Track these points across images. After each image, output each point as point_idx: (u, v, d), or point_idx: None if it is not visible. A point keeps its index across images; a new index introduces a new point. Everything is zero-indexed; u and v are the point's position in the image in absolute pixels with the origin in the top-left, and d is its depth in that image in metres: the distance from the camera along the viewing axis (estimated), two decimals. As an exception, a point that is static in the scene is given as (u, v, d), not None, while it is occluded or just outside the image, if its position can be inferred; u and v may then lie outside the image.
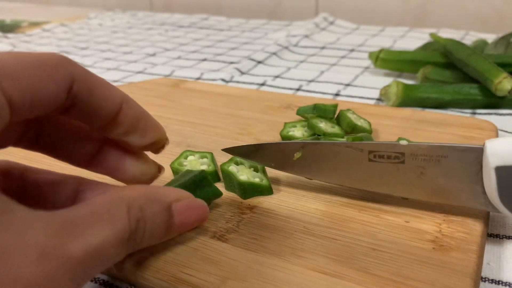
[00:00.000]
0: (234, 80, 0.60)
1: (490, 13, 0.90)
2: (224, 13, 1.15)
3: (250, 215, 0.29)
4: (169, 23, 1.03)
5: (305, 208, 0.29)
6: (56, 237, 0.17)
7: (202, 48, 0.80)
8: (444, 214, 0.28)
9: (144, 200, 0.22)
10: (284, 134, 0.38)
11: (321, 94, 0.54)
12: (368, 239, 0.26)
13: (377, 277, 0.23)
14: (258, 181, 0.31)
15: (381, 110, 0.44)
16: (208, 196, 0.28)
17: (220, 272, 0.24)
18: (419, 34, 0.82)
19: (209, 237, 0.27)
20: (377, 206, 0.29)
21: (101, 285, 0.26)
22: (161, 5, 1.27)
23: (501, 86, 0.45)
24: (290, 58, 0.71)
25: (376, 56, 0.59)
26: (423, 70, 0.54)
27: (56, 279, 0.17)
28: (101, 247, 0.19)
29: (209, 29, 0.96)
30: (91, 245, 0.18)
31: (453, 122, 0.41)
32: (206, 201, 0.26)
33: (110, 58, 0.76)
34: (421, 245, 0.25)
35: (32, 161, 0.29)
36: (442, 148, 0.27)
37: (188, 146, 0.39)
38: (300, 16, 1.05)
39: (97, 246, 0.19)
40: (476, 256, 0.24)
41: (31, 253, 0.16)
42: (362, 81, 0.58)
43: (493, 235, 0.29)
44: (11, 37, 0.93)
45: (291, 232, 0.27)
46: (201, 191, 0.28)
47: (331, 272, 0.24)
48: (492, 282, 0.25)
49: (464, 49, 0.52)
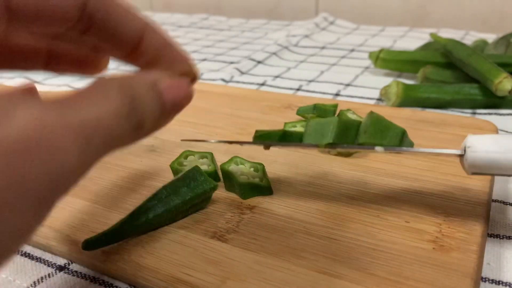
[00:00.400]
0: (234, 80, 0.60)
1: (490, 13, 0.90)
2: (224, 13, 1.15)
3: (250, 215, 0.29)
4: (169, 23, 1.03)
5: (305, 208, 0.29)
6: (51, 110, 0.16)
7: (202, 48, 0.80)
8: (444, 214, 0.28)
9: (131, 80, 0.21)
10: (284, 134, 0.38)
11: (321, 94, 0.54)
12: (368, 239, 0.26)
13: (377, 277, 0.23)
14: (258, 181, 0.31)
15: (381, 110, 0.44)
16: (203, 187, 0.29)
17: (220, 272, 0.24)
18: (419, 34, 0.82)
19: (209, 237, 0.27)
20: (377, 206, 0.29)
21: (101, 285, 0.26)
22: (161, 5, 1.27)
23: (501, 86, 0.45)
24: (290, 58, 0.71)
25: (376, 56, 0.59)
26: (423, 70, 0.54)
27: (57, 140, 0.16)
28: (99, 117, 0.18)
29: (209, 29, 0.96)
30: (89, 116, 0.17)
31: (453, 122, 0.41)
32: (203, 194, 0.28)
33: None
34: (421, 245, 0.25)
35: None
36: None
37: (188, 146, 0.38)
38: (300, 16, 1.05)
39: (95, 117, 0.17)
40: (476, 256, 0.24)
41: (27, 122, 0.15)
42: (362, 81, 0.58)
43: (493, 235, 0.29)
44: (11, 37, 0.93)
45: (291, 232, 0.27)
46: (195, 182, 0.29)
47: (331, 272, 0.24)
48: (492, 282, 0.25)
49: (464, 49, 0.52)
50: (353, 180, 0.32)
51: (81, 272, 0.27)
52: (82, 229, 0.28)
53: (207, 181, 0.29)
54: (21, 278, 0.26)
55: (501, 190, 0.34)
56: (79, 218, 0.29)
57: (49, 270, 0.27)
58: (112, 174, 0.34)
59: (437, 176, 0.32)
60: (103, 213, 0.29)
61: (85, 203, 0.31)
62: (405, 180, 0.32)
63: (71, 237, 0.27)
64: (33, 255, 0.28)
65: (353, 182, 0.32)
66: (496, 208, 0.32)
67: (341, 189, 0.31)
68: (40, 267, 0.27)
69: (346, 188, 0.31)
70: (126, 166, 0.35)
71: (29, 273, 0.27)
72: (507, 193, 0.33)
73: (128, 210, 0.28)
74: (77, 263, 0.27)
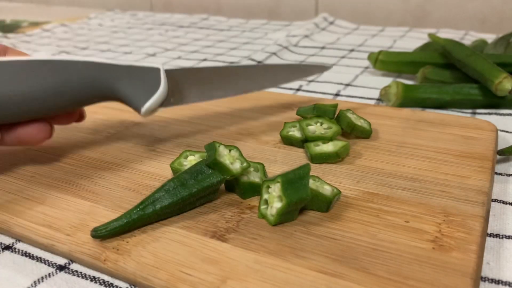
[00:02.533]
0: (234, 80, 0.60)
1: (490, 13, 0.90)
2: (224, 13, 1.15)
3: (250, 215, 0.29)
4: (169, 23, 1.03)
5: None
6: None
7: (202, 48, 0.80)
8: (444, 214, 0.28)
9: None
10: (284, 134, 0.38)
11: (321, 94, 0.55)
12: (368, 239, 0.26)
13: (377, 277, 0.23)
14: (258, 181, 0.31)
15: (381, 110, 0.44)
16: (210, 180, 0.29)
17: (219, 271, 0.24)
18: (419, 34, 0.82)
19: (209, 237, 0.27)
20: (377, 206, 0.29)
21: (101, 285, 0.26)
22: (161, 5, 1.27)
23: (501, 86, 0.45)
24: (290, 58, 0.71)
25: (375, 58, 0.59)
26: (422, 70, 0.54)
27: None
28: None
29: (209, 29, 0.96)
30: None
31: (453, 122, 0.41)
32: (210, 186, 0.29)
33: (110, 58, 0.76)
34: (421, 245, 0.25)
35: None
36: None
37: (188, 146, 0.39)
38: (300, 16, 1.05)
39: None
40: (476, 256, 0.25)
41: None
42: (362, 81, 0.58)
43: (493, 235, 0.29)
44: (11, 37, 0.93)
45: (291, 232, 0.27)
46: (202, 175, 0.29)
47: (331, 272, 0.24)
48: (492, 282, 0.25)
49: (463, 49, 0.52)
50: (352, 180, 0.32)
51: (81, 272, 0.27)
52: (82, 229, 0.28)
53: (214, 174, 0.29)
54: (21, 277, 0.26)
55: (501, 190, 0.34)
56: (79, 218, 0.29)
57: (49, 269, 0.27)
58: (112, 174, 0.34)
59: (437, 176, 0.32)
60: (103, 213, 0.29)
61: (85, 203, 0.31)
62: (405, 180, 0.32)
63: (71, 237, 0.27)
64: (33, 255, 0.28)
65: (352, 182, 0.32)
66: (496, 208, 0.32)
67: (341, 189, 0.31)
68: (40, 267, 0.27)
69: (346, 188, 0.31)
70: (126, 166, 0.35)
71: (29, 272, 0.27)
72: (507, 193, 0.33)
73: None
74: (77, 262, 0.27)
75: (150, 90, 0.36)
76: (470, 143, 0.37)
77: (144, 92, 0.36)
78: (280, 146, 0.38)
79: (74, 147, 0.39)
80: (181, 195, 0.29)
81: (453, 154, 0.35)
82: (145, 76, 0.36)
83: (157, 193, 0.29)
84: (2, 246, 0.29)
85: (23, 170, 0.35)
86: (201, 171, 0.30)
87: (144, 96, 0.35)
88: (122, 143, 0.39)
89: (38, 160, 0.37)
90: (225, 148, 0.31)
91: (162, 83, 0.36)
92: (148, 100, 0.35)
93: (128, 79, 0.35)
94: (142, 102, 0.35)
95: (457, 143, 0.37)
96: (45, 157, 0.37)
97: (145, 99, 0.35)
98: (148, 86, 0.36)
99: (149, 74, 0.36)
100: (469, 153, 0.35)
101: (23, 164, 0.36)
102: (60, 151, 0.38)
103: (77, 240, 0.27)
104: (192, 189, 0.29)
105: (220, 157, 0.30)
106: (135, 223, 0.27)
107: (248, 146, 0.38)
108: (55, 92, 0.33)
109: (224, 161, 0.30)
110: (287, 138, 0.38)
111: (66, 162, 0.36)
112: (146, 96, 0.35)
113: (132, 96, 0.35)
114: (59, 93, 0.33)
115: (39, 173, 0.35)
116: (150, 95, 0.35)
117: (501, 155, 0.37)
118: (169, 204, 0.28)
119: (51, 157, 0.37)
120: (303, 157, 0.36)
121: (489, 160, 0.34)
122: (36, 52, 0.76)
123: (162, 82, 0.36)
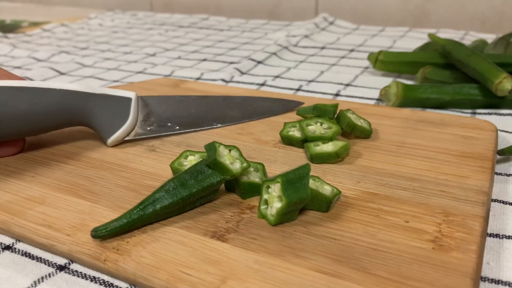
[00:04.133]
0: (234, 80, 0.60)
1: (490, 13, 0.90)
2: (224, 13, 1.15)
3: (250, 215, 0.29)
4: (169, 23, 1.03)
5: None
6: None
7: (202, 48, 0.80)
8: (444, 214, 0.28)
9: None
10: (284, 134, 0.38)
11: (321, 94, 0.55)
12: (368, 239, 0.26)
13: (377, 277, 0.23)
14: (258, 181, 0.31)
15: (381, 110, 0.44)
16: (210, 180, 0.29)
17: (219, 271, 0.24)
18: (419, 34, 0.82)
19: (209, 237, 0.27)
20: (377, 206, 0.29)
21: (101, 285, 0.26)
22: (161, 5, 1.27)
23: (501, 86, 0.45)
24: (290, 58, 0.71)
25: (375, 58, 0.59)
26: (422, 70, 0.54)
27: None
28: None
29: (209, 29, 0.96)
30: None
31: (453, 122, 0.41)
32: (210, 187, 0.29)
33: (110, 58, 0.76)
34: (420, 245, 0.25)
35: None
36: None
37: (188, 146, 0.39)
38: (300, 16, 1.05)
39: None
40: (475, 256, 0.25)
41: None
42: (362, 81, 0.58)
43: (493, 235, 0.29)
44: (11, 37, 0.93)
45: (291, 232, 0.27)
46: (202, 175, 0.29)
47: (331, 272, 0.24)
48: (491, 282, 0.25)
49: (463, 49, 0.52)
50: (352, 180, 0.32)
51: (81, 272, 0.27)
52: (82, 229, 0.28)
53: (214, 174, 0.29)
54: (21, 277, 0.26)
55: (501, 190, 0.34)
56: (79, 218, 0.29)
57: (49, 269, 0.27)
58: (112, 174, 0.34)
59: (437, 176, 0.32)
60: (103, 213, 0.29)
61: (85, 203, 0.31)
62: (405, 180, 0.32)
63: (71, 237, 0.27)
64: (33, 255, 0.28)
65: (352, 182, 0.32)
66: (496, 208, 0.32)
67: (341, 189, 0.31)
68: (40, 267, 0.27)
69: (346, 188, 0.31)
70: (126, 166, 0.35)
71: (29, 272, 0.27)
72: (507, 193, 0.33)
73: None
74: (77, 263, 0.27)
75: (119, 121, 0.37)
76: (470, 143, 0.37)
77: (113, 123, 0.37)
78: (280, 146, 0.38)
79: (74, 147, 0.39)
80: (181, 195, 0.29)
81: (453, 154, 0.35)
82: (116, 106, 0.37)
83: (157, 193, 0.29)
84: (2, 246, 0.29)
85: (23, 170, 0.35)
86: (201, 171, 0.30)
87: (112, 127, 0.37)
88: (122, 143, 0.39)
89: (38, 160, 0.37)
90: (225, 148, 0.31)
91: (131, 115, 0.37)
92: (115, 133, 0.37)
93: (99, 108, 0.37)
94: (110, 134, 0.37)
95: (457, 143, 0.37)
96: (45, 157, 0.37)
97: (113, 130, 0.37)
98: (118, 116, 0.37)
99: (120, 104, 0.37)
100: (469, 153, 0.35)
101: (23, 164, 0.36)
102: (60, 151, 0.38)
103: (77, 240, 0.27)
104: (192, 189, 0.29)
105: (220, 157, 0.30)
106: (135, 223, 0.27)
107: (248, 146, 0.38)
108: (26, 118, 0.34)
109: (224, 161, 0.30)
110: (287, 138, 0.38)
111: (66, 162, 0.36)
112: (114, 128, 0.37)
113: (101, 126, 0.37)
114: (30, 119, 0.34)
115: (39, 173, 0.35)
116: (118, 127, 0.37)
117: (501, 155, 0.37)
118: (169, 204, 0.28)
119: (51, 157, 0.37)
120: (303, 157, 0.36)
121: (489, 160, 0.34)
122: (36, 52, 0.76)
123: (131, 114, 0.38)
